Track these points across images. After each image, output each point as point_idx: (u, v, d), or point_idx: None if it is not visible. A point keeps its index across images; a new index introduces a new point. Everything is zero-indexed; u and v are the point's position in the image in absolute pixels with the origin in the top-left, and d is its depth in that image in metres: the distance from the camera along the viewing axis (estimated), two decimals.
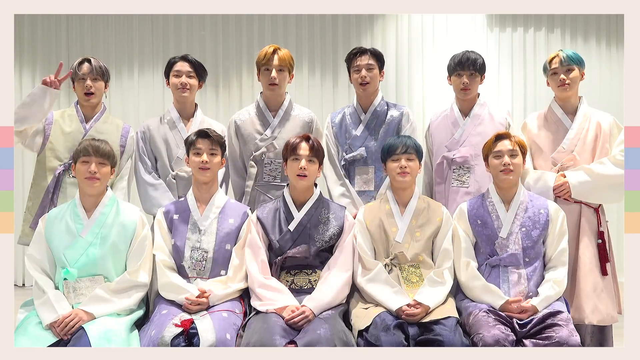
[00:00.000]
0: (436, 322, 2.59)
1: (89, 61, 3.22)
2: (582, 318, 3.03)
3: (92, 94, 3.20)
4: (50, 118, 3.21)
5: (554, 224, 2.87)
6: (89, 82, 3.18)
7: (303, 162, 2.81)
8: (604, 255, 3.11)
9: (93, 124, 3.22)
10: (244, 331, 2.56)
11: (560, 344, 2.47)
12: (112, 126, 3.27)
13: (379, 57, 3.33)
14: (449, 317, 2.61)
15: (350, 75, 3.38)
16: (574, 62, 3.19)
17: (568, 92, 3.21)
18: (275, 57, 3.23)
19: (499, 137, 2.93)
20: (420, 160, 2.96)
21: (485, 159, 2.98)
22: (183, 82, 3.28)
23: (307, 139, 2.88)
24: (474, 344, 2.53)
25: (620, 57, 5.96)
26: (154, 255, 2.81)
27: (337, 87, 5.88)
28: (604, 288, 3.08)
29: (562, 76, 3.18)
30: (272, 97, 3.33)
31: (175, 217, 2.87)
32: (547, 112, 3.30)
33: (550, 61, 3.23)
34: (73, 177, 3.07)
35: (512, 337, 2.55)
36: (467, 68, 3.25)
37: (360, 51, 3.32)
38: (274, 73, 3.23)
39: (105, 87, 3.28)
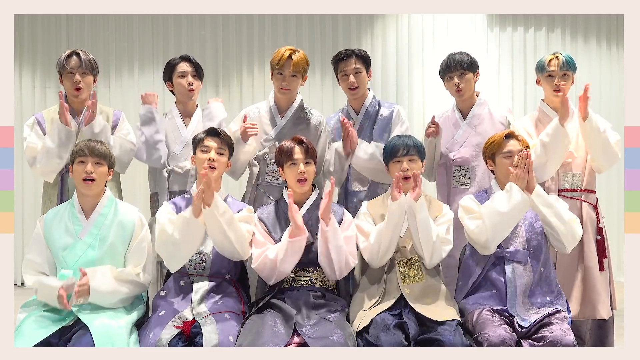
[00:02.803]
0: (437, 322, 2.59)
1: (77, 55, 3.16)
2: (594, 314, 3.08)
3: (80, 88, 3.16)
4: (43, 123, 3.18)
5: None
6: (77, 77, 3.14)
7: (301, 167, 2.80)
8: (602, 251, 3.15)
9: (83, 119, 3.17)
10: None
11: (554, 343, 2.46)
12: (101, 117, 3.22)
13: (365, 59, 3.33)
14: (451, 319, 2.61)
15: (338, 79, 3.39)
16: (571, 68, 3.24)
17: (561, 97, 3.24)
18: (290, 62, 3.16)
19: (508, 137, 2.90)
20: (422, 160, 2.94)
21: (491, 157, 2.93)
22: (190, 81, 3.29)
23: (300, 142, 2.85)
24: (478, 344, 2.52)
25: (620, 57, 5.96)
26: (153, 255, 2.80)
27: (337, 87, 5.82)
28: (604, 283, 3.14)
29: (557, 82, 3.22)
30: (282, 98, 3.32)
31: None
32: (538, 114, 3.33)
33: (549, 62, 3.25)
34: None
35: (515, 337, 2.55)
36: (455, 69, 3.27)
37: (346, 55, 3.31)
38: (286, 80, 3.20)
39: (94, 81, 3.24)
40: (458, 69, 3.27)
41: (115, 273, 2.66)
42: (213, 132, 2.87)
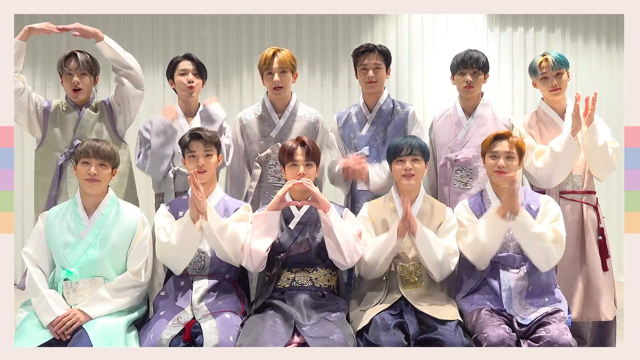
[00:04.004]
0: (437, 322, 2.59)
1: (75, 56, 3.19)
2: (599, 315, 3.08)
3: (79, 89, 3.19)
4: (48, 108, 3.23)
5: (542, 210, 2.86)
6: (76, 78, 3.16)
7: (301, 169, 2.81)
8: (604, 251, 3.15)
9: (85, 109, 3.23)
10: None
11: (550, 343, 2.46)
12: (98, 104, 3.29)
13: (386, 56, 3.31)
14: (452, 319, 2.61)
15: (356, 72, 3.36)
16: (563, 65, 3.23)
17: (559, 95, 3.24)
18: (275, 59, 3.21)
19: (498, 137, 2.92)
20: (426, 161, 2.94)
21: (483, 156, 2.96)
22: (190, 79, 3.29)
23: (302, 143, 2.85)
24: (477, 343, 2.52)
25: (620, 57, 5.96)
26: (154, 255, 2.80)
27: (337, 86, 5.87)
28: (606, 283, 3.14)
29: (555, 82, 3.22)
30: (278, 98, 3.33)
31: (181, 213, 2.86)
32: (538, 115, 3.33)
33: (539, 65, 3.24)
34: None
35: (515, 337, 2.55)
36: (470, 66, 3.25)
37: (368, 49, 3.28)
38: (276, 77, 3.22)
39: (95, 81, 3.27)
40: (473, 67, 3.25)
41: (115, 284, 2.66)
42: (196, 136, 2.86)
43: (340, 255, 2.70)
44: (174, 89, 3.42)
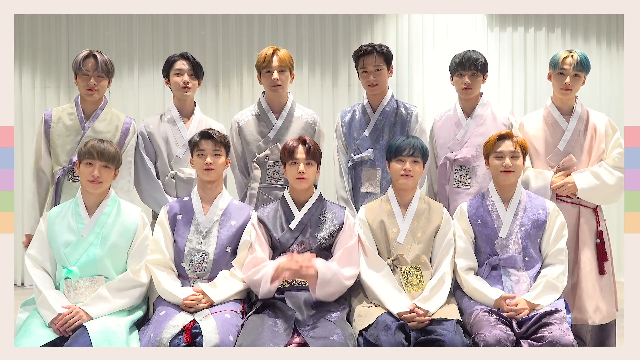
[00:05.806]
0: (436, 322, 2.60)
1: (95, 57, 3.13)
2: (585, 318, 3.05)
3: (95, 90, 3.15)
4: (49, 121, 3.16)
5: (551, 222, 2.87)
6: (92, 80, 3.10)
7: (301, 167, 2.82)
8: (602, 255, 3.13)
9: (91, 124, 3.16)
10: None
11: (552, 343, 2.46)
12: (111, 126, 3.19)
13: (386, 55, 3.28)
14: (451, 318, 2.61)
15: (358, 74, 3.35)
16: (583, 69, 3.16)
17: (568, 96, 3.22)
18: (275, 58, 3.21)
19: (502, 137, 2.92)
20: (424, 163, 2.96)
21: (486, 157, 2.97)
22: (185, 80, 3.27)
23: (303, 142, 2.87)
24: (475, 344, 2.53)
25: (620, 57, 5.95)
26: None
27: (337, 87, 5.87)
28: (603, 287, 3.11)
29: (569, 81, 3.15)
30: (275, 99, 3.32)
31: (179, 217, 2.87)
32: (544, 114, 3.30)
33: (562, 60, 3.17)
34: (72, 180, 3.08)
35: (513, 337, 2.55)
36: (468, 68, 3.24)
37: (367, 51, 3.26)
38: (275, 74, 3.21)
39: (109, 84, 3.22)
40: (471, 68, 3.23)
41: (115, 283, 2.67)
42: (207, 135, 2.88)
43: (332, 299, 2.76)
44: (169, 88, 3.42)
